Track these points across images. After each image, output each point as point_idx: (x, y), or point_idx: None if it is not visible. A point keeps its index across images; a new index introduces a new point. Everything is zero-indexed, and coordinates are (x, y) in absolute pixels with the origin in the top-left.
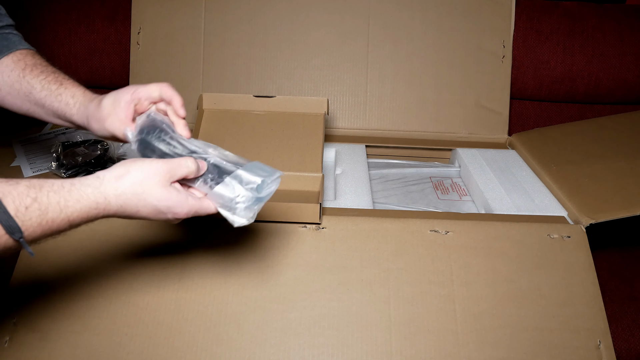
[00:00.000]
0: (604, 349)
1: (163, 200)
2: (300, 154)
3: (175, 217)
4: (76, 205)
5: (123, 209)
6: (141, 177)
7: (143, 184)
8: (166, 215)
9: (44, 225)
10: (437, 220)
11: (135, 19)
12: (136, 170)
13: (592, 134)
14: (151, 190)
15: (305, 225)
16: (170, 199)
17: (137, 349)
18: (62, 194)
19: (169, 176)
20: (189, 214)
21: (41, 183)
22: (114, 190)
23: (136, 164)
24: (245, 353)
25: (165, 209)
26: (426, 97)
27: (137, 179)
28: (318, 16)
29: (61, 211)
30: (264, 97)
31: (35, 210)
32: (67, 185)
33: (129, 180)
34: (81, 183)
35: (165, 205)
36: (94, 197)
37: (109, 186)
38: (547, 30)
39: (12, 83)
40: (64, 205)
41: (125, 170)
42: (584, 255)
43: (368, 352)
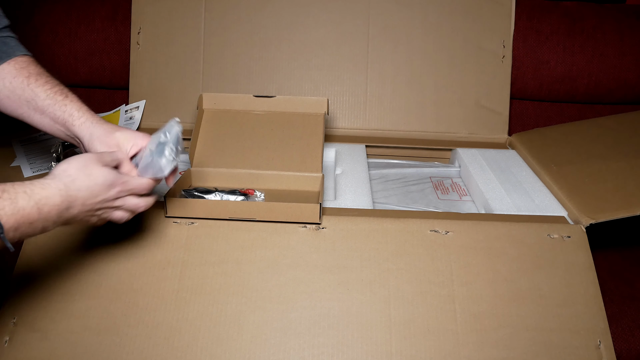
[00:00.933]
0: (604, 349)
1: (106, 174)
2: (300, 154)
3: (117, 191)
4: (42, 192)
5: (79, 195)
6: (82, 160)
7: (87, 164)
8: (111, 189)
9: (16, 214)
10: (437, 220)
11: (135, 19)
12: (75, 159)
13: (592, 134)
14: (95, 167)
15: (305, 225)
16: (111, 172)
17: (137, 349)
18: (27, 185)
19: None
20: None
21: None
22: (66, 176)
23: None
24: (245, 353)
25: (109, 182)
26: (426, 97)
27: (80, 163)
28: (318, 16)
29: (30, 198)
30: (264, 97)
31: (6, 199)
32: (28, 181)
33: (74, 165)
34: (38, 179)
35: (109, 179)
36: (55, 185)
37: (61, 174)
38: (547, 30)
39: (13, 89)
40: (31, 192)
41: (67, 163)
42: (584, 255)
43: (368, 352)
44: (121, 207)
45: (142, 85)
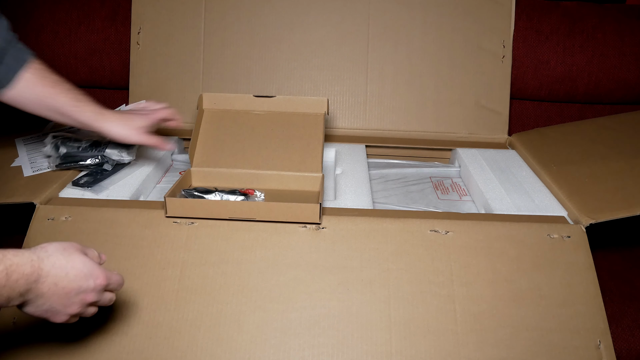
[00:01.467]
0: (604, 349)
1: (86, 262)
2: (300, 154)
3: (96, 284)
4: (13, 259)
5: (55, 268)
6: (64, 243)
7: (67, 249)
8: (90, 279)
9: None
10: (437, 220)
11: (135, 19)
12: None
13: (592, 134)
14: (76, 253)
15: (305, 225)
16: (90, 261)
17: (137, 349)
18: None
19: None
20: (104, 281)
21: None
22: (43, 250)
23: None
24: (245, 353)
25: (88, 271)
26: (426, 97)
27: (60, 245)
28: (318, 16)
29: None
30: (264, 97)
31: None
32: (2, 249)
33: (54, 245)
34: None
35: (89, 268)
36: (27, 255)
37: (38, 248)
38: (547, 30)
39: (39, 98)
40: (2, 256)
41: (49, 242)
42: (584, 255)
43: (368, 352)
44: (97, 302)
45: (142, 85)
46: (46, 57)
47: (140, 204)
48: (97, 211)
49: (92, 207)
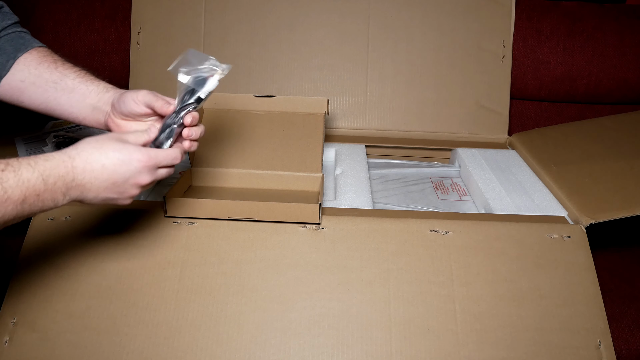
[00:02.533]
0: (604, 349)
1: (121, 148)
2: (300, 154)
3: (139, 166)
4: (46, 164)
5: (89, 163)
6: (96, 138)
7: (99, 140)
8: (130, 163)
9: (21, 185)
10: (437, 220)
11: (135, 19)
12: (89, 138)
13: (592, 134)
14: (107, 143)
15: (305, 225)
16: (127, 147)
17: (137, 349)
18: (31, 158)
19: (121, 137)
20: (148, 161)
21: (10, 159)
22: (74, 150)
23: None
24: (245, 353)
25: (126, 157)
26: (426, 97)
27: (93, 140)
28: (318, 16)
29: (33, 170)
30: (264, 97)
31: (10, 172)
32: (32, 156)
33: (87, 140)
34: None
35: (125, 153)
36: (58, 156)
37: (70, 148)
38: (547, 30)
39: (40, 73)
40: (34, 163)
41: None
42: (584, 255)
43: (368, 352)
44: (153, 180)
45: (142, 85)
46: None
47: (140, 204)
48: (97, 211)
49: (92, 207)
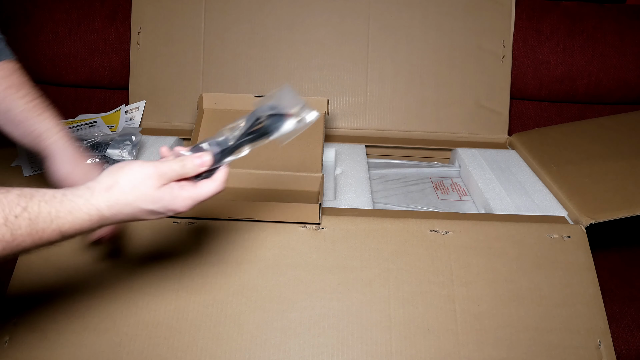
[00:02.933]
0: (604, 349)
1: (157, 202)
2: (300, 154)
3: (177, 212)
4: (68, 217)
5: (118, 217)
6: (131, 186)
7: (134, 191)
8: (166, 213)
9: (34, 235)
10: (437, 220)
11: (135, 19)
12: (125, 180)
13: (592, 134)
14: (143, 197)
15: (305, 225)
16: (163, 199)
17: (137, 349)
18: (54, 204)
19: (160, 180)
20: (189, 204)
21: (32, 192)
22: (105, 201)
23: (124, 171)
24: (245, 353)
25: (162, 209)
26: (426, 97)
27: (127, 188)
28: (318, 16)
29: (52, 221)
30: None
31: (25, 219)
32: (58, 196)
33: (118, 190)
34: (73, 194)
35: (161, 206)
36: (86, 209)
37: (100, 198)
38: (547, 30)
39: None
40: (55, 215)
41: (114, 180)
42: (584, 255)
43: (368, 352)
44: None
45: (142, 85)
46: (46, 57)
47: None
48: None
49: None
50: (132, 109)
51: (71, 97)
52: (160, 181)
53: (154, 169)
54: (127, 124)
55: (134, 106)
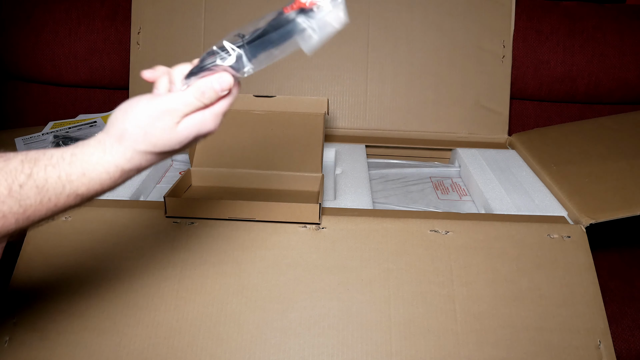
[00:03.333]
0: (604, 349)
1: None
2: (300, 154)
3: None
4: (82, 179)
5: (144, 166)
6: (142, 133)
7: (149, 138)
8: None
9: (46, 203)
10: (437, 220)
11: (135, 19)
12: (133, 125)
13: (592, 134)
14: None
15: (305, 225)
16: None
17: (137, 349)
18: (63, 167)
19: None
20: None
21: (37, 156)
22: (122, 155)
23: (129, 115)
24: (245, 353)
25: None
26: (426, 97)
27: (139, 136)
28: None
29: (64, 187)
30: (264, 97)
31: (32, 187)
32: (67, 157)
33: (130, 140)
34: (83, 152)
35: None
36: (102, 168)
37: (115, 152)
38: (547, 30)
39: None
40: (67, 179)
41: (122, 128)
42: (584, 255)
43: (368, 352)
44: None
45: (142, 85)
46: (46, 57)
47: (140, 204)
48: (97, 211)
49: (92, 207)
50: None
51: (71, 97)
52: (175, 119)
53: (164, 106)
54: None
55: None
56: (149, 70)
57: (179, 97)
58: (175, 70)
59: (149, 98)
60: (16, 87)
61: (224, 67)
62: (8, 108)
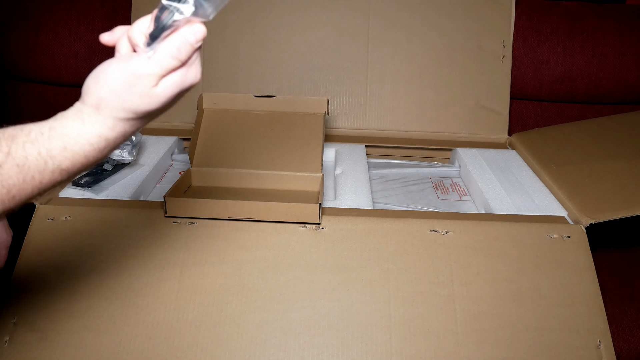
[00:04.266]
0: (604, 349)
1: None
2: (300, 154)
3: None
4: (65, 154)
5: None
6: (120, 99)
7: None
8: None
9: (30, 181)
10: (437, 220)
11: (135, 19)
12: (107, 92)
13: (592, 134)
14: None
15: (305, 225)
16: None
17: (137, 349)
18: (42, 143)
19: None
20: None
21: (15, 132)
22: (102, 124)
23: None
24: (245, 353)
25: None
26: (426, 97)
27: (116, 103)
28: (318, 16)
29: (46, 163)
30: (264, 97)
31: (13, 166)
32: (45, 131)
33: (108, 107)
34: (62, 125)
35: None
36: (84, 140)
37: (95, 122)
38: (547, 30)
39: None
40: (47, 155)
41: (97, 97)
42: (584, 255)
43: (368, 352)
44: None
45: None
46: (46, 57)
47: (140, 204)
48: (97, 211)
49: (92, 207)
50: None
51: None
52: (151, 82)
53: (137, 70)
54: None
55: None
56: (107, 33)
57: (153, 60)
58: (134, 29)
59: (118, 62)
60: (16, 87)
61: (187, 18)
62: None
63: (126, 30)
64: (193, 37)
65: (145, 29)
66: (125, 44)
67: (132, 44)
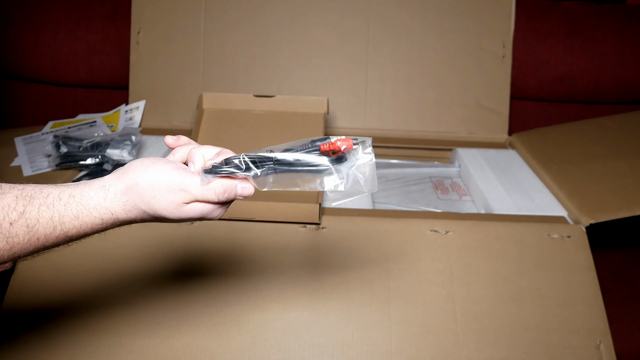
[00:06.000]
0: (604, 349)
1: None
2: None
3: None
4: (74, 222)
5: (137, 220)
6: (152, 195)
7: (157, 202)
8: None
9: (34, 242)
10: (437, 220)
11: (135, 19)
12: (146, 183)
13: (592, 134)
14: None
15: (305, 225)
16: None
17: (137, 349)
18: (57, 208)
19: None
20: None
21: (34, 193)
22: (122, 205)
23: (148, 174)
24: (245, 353)
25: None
26: (426, 97)
27: (148, 196)
28: (318, 16)
29: (55, 228)
30: (264, 97)
31: (22, 226)
32: (64, 197)
33: (137, 194)
34: (82, 194)
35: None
36: (97, 213)
37: (116, 201)
38: (547, 30)
39: None
40: (59, 221)
41: (134, 180)
42: (584, 255)
43: (368, 352)
44: None
45: (142, 85)
46: (46, 57)
47: None
48: None
49: None
50: (132, 108)
51: (71, 97)
52: (186, 199)
53: (184, 185)
54: (127, 124)
55: (134, 106)
56: (172, 137)
57: (202, 188)
58: (197, 150)
59: (175, 168)
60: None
61: (247, 175)
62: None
63: (188, 142)
64: (241, 191)
65: (207, 155)
66: (182, 154)
67: (189, 158)
